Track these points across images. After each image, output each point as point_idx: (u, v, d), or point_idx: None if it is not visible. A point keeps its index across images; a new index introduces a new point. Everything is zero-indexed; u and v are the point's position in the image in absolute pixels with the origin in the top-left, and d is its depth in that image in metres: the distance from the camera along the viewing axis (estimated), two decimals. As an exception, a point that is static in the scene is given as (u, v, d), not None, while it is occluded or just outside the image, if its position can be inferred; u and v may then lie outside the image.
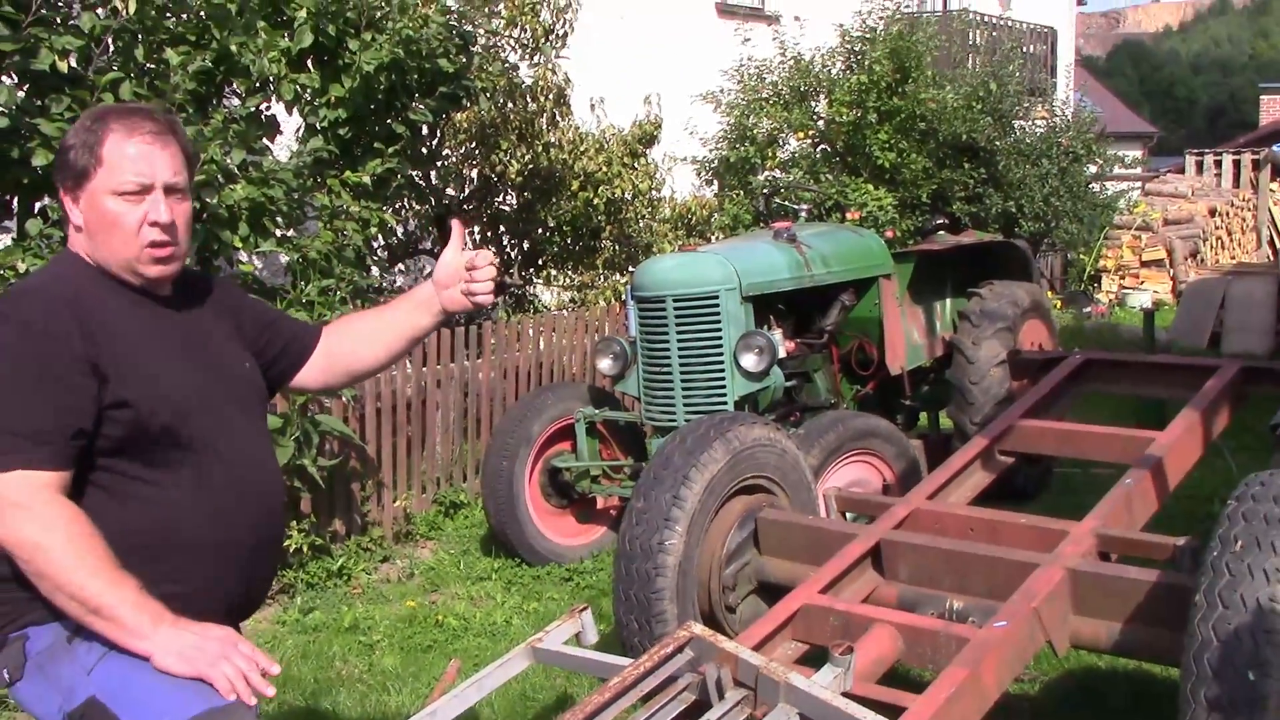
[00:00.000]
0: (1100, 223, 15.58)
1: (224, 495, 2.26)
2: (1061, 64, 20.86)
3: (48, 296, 2.18)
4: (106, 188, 2.19)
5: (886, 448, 5.21)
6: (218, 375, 2.35)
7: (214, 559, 2.24)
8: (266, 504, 2.39)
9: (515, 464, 5.83)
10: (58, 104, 4.68)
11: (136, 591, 2.05)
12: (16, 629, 2.16)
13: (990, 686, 3.09)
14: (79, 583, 2.01)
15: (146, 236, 2.21)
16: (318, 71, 6.02)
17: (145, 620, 2.04)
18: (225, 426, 2.30)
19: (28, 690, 2.16)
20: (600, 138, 9.05)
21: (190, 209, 2.32)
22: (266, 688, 2.07)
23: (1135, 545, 3.68)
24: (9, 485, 2.03)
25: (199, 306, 2.44)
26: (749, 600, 4.06)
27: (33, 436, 2.05)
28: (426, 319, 2.63)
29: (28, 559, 2.03)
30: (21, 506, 2.02)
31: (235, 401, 2.36)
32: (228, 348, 2.45)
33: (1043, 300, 6.80)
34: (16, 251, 4.55)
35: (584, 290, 9.16)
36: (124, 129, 2.20)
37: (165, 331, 2.29)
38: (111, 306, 2.22)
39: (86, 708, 2.08)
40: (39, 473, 2.05)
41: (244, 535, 2.30)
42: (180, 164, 2.27)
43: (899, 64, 11.03)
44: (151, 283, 2.28)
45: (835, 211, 10.27)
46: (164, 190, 2.22)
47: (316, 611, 5.33)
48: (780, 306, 5.93)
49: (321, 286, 5.59)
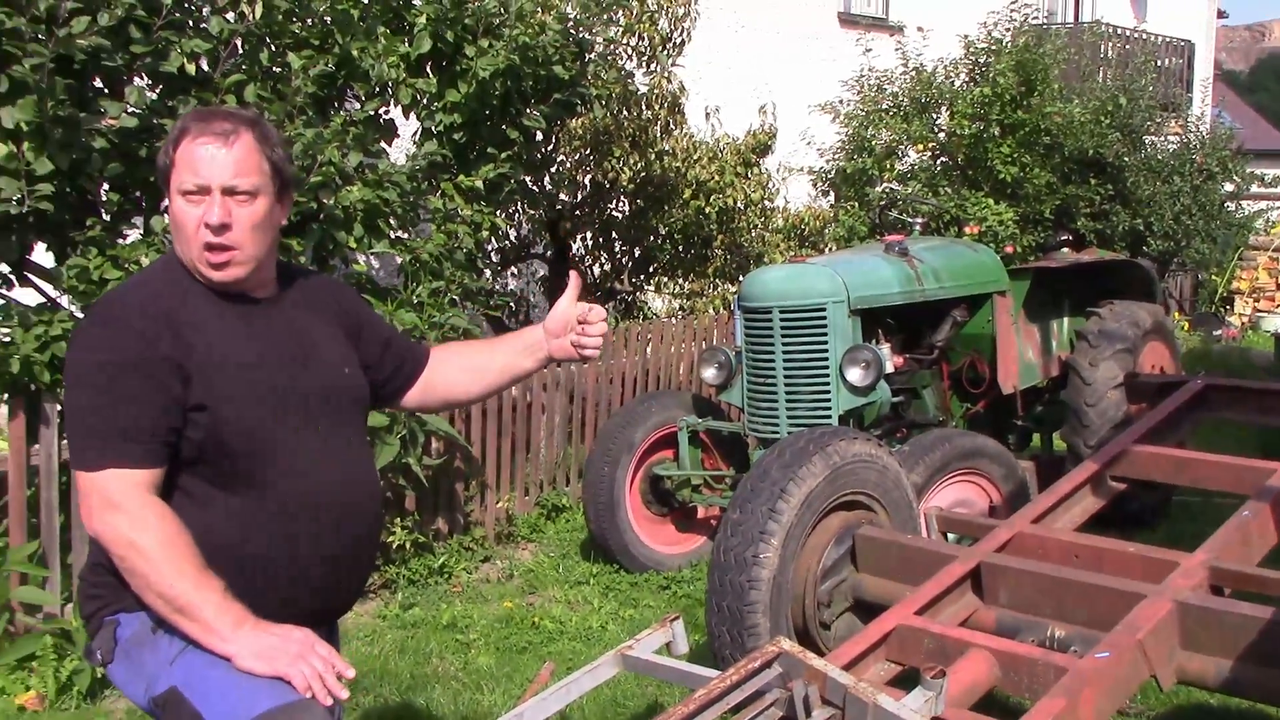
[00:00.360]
0: (1235, 243, 15.05)
1: (304, 512, 2.25)
2: (1198, 78, 20.18)
3: (140, 298, 2.21)
4: (176, 187, 2.21)
5: (994, 468, 5.09)
6: (310, 383, 2.32)
7: (288, 575, 2.25)
8: (356, 516, 2.36)
9: (617, 470, 5.84)
10: (185, 105, 4.83)
11: (220, 594, 2.09)
12: (110, 613, 2.23)
13: (1088, 718, 2.99)
14: (167, 582, 2.06)
15: (201, 238, 2.20)
16: (435, 77, 6.12)
17: (228, 622, 2.08)
18: (308, 439, 2.28)
19: (118, 672, 2.24)
20: (714, 146, 9.03)
21: (263, 212, 2.25)
22: (341, 690, 2.10)
23: (1250, 580, 3.52)
24: (104, 482, 2.09)
25: (303, 309, 2.41)
26: (844, 617, 4.00)
27: (126, 435, 2.09)
28: (530, 362, 2.65)
29: (121, 555, 2.08)
30: (116, 505, 2.07)
31: (326, 411, 2.33)
32: (329, 352, 2.41)
33: (1165, 322, 6.58)
34: (141, 247, 4.71)
35: (693, 299, 9.14)
36: (196, 130, 2.21)
37: (255, 337, 2.27)
38: (201, 309, 2.23)
39: (168, 696, 2.14)
40: (132, 470, 2.09)
41: (324, 553, 2.29)
42: (249, 165, 2.21)
43: (1024, 76, 10.79)
44: (221, 287, 2.26)
45: (953, 225, 10.10)
46: (222, 191, 2.19)
47: (416, 608, 5.41)
48: (889, 321, 5.84)
49: (432, 288, 5.67)
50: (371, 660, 4.78)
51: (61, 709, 4.31)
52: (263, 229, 2.26)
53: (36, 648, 4.41)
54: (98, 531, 2.10)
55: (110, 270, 4.60)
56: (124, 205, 5.11)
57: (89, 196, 5.06)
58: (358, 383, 2.47)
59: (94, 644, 2.25)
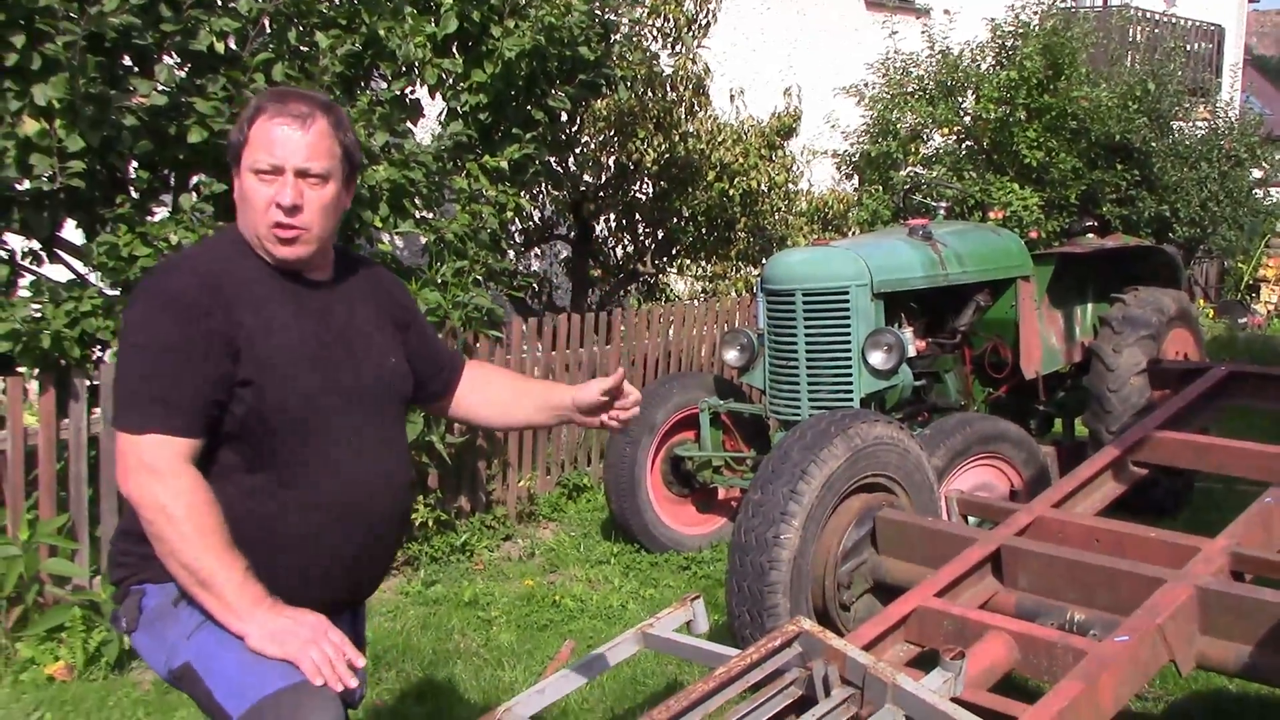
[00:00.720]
0: (1262, 230, 14.94)
1: (336, 500, 2.28)
2: (1228, 63, 19.99)
3: (195, 270, 2.23)
4: (248, 164, 2.24)
5: (1015, 453, 5.09)
6: (355, 370, 2.35)
7: (313, 561, 2.28)
8: (389, 504, 2.39)
9: (638, 451, 5.87)
10: (213, 84, 4.86)
11: (243, 572, 2.12)
12: (137, 583, 2.27)
13: (1107, 702, 3.00)
14: (193, 554, 2.09)
15: (272, 217, 2.23)
16: (461, 57, 6.14)
17: (246, 601, 2.10)
18: (359, 424, 2.31)
19: (142, 641, 2.27)
20: (738, 129, 9.02)
21: (331, 195, 2.28)
22: (350, 678, 2.10)
23: (1271, 566, 3.53)
24: (143, 447, 2.11)
25: (357, 297, 2.44)
26: (864, 599, 4.03)
27: (171, 403, 2.12)
28: (547, 418, 2.69)
29: (150, 519, 2.11)
30: (152, 470, 2.10)
31: (368, 400, 2.36)
32: (377, 342, 2.44)
33: (1189, 308, 6.54)
34: (170, 224, 4.75)
35: (716, 281, 9.15)
36: (273, 110, 2.24)
37: (308, 320, 2.30)
38: (257, 286, 2.25)
39: (183, 671, 2.18)
40: (173, 438, 2.12)
41: (351, 543, 2.33)
42: (323, 149, 2.25)
43: (1052, 60, 10.72)
44: (285, 263, 2.29)
45: (978, 210, 10.06)
46: (295, 173, 2.23)
47: (438, 585, 5.46)
48: (912, 304, 5.84)
49: (456, 267, 5.70)
50: (394, 636, 4.83)
51: (90, 679, 4.38)
52: (330, 212, 2.30)
53: (65, 619, 4.47)
54: (130, 493, 2.13)
55: (140, 247, 4.64)
56: (153, 183, 5.16)
57: (118, 174, 5.11)
58: (402, 374, 2.50)
59: (120, 611, 2.30)
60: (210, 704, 2.13)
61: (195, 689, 2.16)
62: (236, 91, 4.86)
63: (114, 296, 4.79)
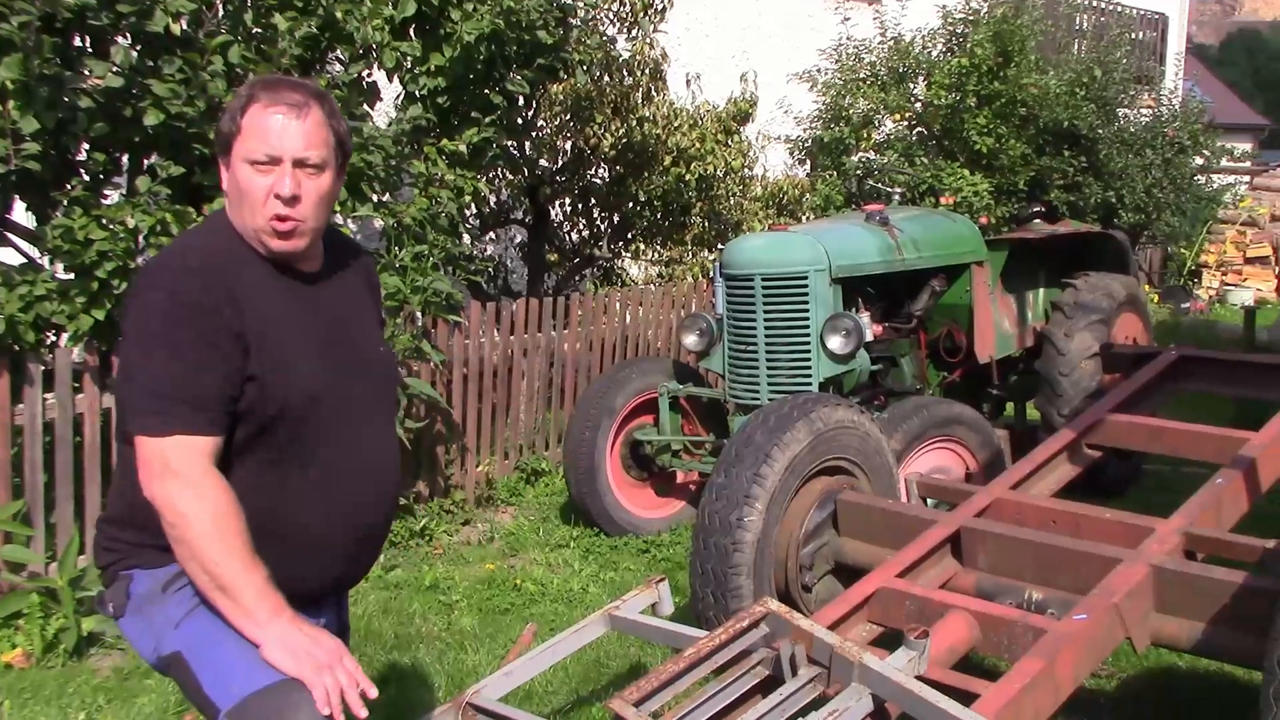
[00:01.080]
0: (1204, 216, 15.20)
1: (341, 490, 2.28)
2: (1171, 52, 20.29)
3: (201, 265, 2.19)
4: (241, 155, 2.21)
5: (971, 436, 5.17)
6: (354, 363, 2.35)
7: (321, 550, 2.29)
8: (383, 492, 2.41)
9: (598, 435, 5.89)
10: (169, 65, 4.79)
11: (263, 580, 2.10)
12: (125, 568, 2.26)
13: (1065, 679, 3.08)
14: (215, 559, 2.07)
15: (271, 209, 2.20)
16: (419, 40, 6.10)
17: (265, 610, 2.09)
18: (353, 418, 2.31)
19: (129, 627, 2.27)
20: (695, 114, 9.04)
21: (328, 185, 2.27)
22: (361, 709, 2.08)
23: (1222, 546, 3.62)
24: (168, 449, 2.08)
25: (347, 285, 2.44)
26: (825, 580, 4.08)
27: (192, 402, 2.10)
28: None
29: (173, 523, 2.08)
30: (178, 473, 2.07)
31: (366, 391, 2.36)
32: (367, 329, 2.46)
33: (1139, 294, 6.67)
34: (126, 208, 4.69)
35: (672, 266, 9.17)
36: (266, 99, 2.21)
37: (307, 313, 2.29)
38: (253, 278, 2.23)
39: (173, 659, 2.18)
40: (197, 438, 2.10)
41: (354, 531, 2.34)
42: (319, 139, 2.23)
43: (1001, 48, 10.83)
44: (282, 256, 2.27)
45: (929, 196, 10.16)
46: (293, 164, 2.20)
47: (398, 569, 5.45)
48: (869, 290, 5.90)
49: (415, 252, 5.68)
50: (356, 620, 4.81)
51: (48, 667, 4.33)
52: (326, 202, 2.28)
53: (22, 606, 4.42)
54: (155, 496, 2.09)
55: (95, 231, 4.58)
56: (105, 166, 5.09)
57: (69, 156, 5.03)
58: (391, 360, 2.53)
59: (108, 595, 2.28)
60: (198, 695, 2.13)
61: (184, 678, 2.16)
62: (193, 74, 4.80)
63: (68, 281, 4.73)
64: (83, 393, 4.79)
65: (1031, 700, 2.92)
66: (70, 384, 4.69)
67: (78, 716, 3.94)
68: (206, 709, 2.12)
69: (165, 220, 4.68)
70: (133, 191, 4.92)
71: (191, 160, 4.98)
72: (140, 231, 4.70)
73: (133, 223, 4.61)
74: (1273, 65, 66.78)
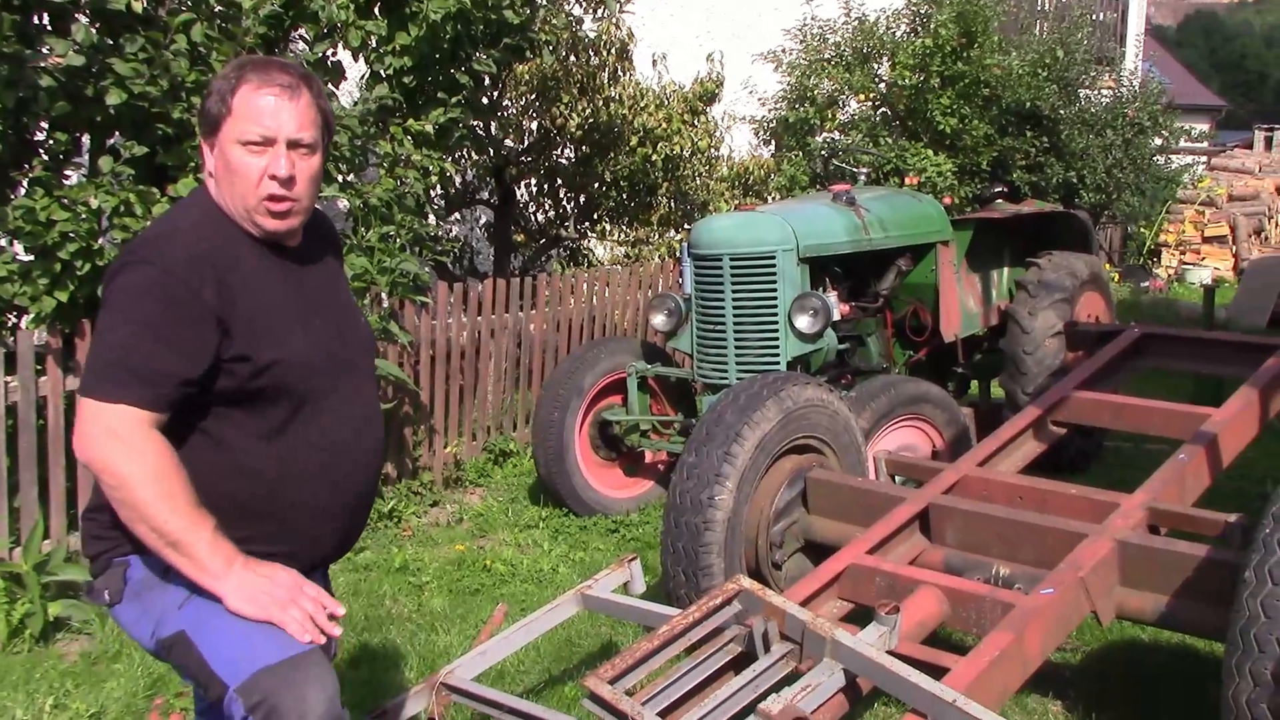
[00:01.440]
0: (1163, 196, 15.35)
1: (331, 460, 2.31)
2: (1131, 33, 20.42)
3: (187, 244, 2.20)
4: (233, 137, 2.21)
5: (937, 414, 5.21)
6: (339, 334, 2.38)
7: (314, 520, 2.31)
8: (370, 469, 2.44)
9: (566, 415, 5.89)
10: (131, 44, 4.74)
11: (212, 531, 2.12)
12: (120, 555, 2.26)
13: (1033, 652, 3.12)
14: (161, 516, 2.09)
15: (266, 189, 2.22)
16: (385, 19, 6.05)
17: (219, 560, 2.12)
18: (341, 387, 2.34)
19: (125, 612, 2.27)
20: (661, 94, 9.03)
21: (318, 165, 2.30)
22: (334, 628, 2.16)
23: (1186, 520, 3.68)
24: (112, 415, 2.09)
25: (325, 259, 2.47)
26: (795, 558, 4.11)
27: (146, 378, 2.11)
28: None
29: (115, 485, 2.10)
30: (117, 436, 2.09)
31: (352, 363, 2.40)
32: (347, 301, 2.50)
33: (1101, 273, 6.74)
34: (89, 188, 4.64)
35: (638, 246, 9.17)
36: (256, 80, 2.21)
37: (293, 288, 2.31)
38: (244, 259, 2.25)
39: (175, 640, 2.18)
40: (141, 411, 2.11)
41: (345, 500, 2.37)
42: (309, 120, 2.25)
43: (965, 28, 10.86)
44: (274, 236, 2.29)
45: (894, 176, 10.20)
46: (287, 144, 2.22)
47: (367, 551, 5.44)
48: (836, 269, 5.93)
49: (382, 233, 5.65)
50: (325, 602, 4.80)
51: (14, 652, 4.30)
52: (317, 181, 2.31)
53: (-14, 591, 4.38)
54: (91, 459, 2.11)
55: (58, 211, 4.53)
56: (67, 145, 5.02)
57: (29, 136, 4.97)
58: (368, 327, 2.56)
59: (100, 584, 2.28)
60: (204, 672, 2.14)
61: (188, 657, 2.17)
62: (155, 52, 4.75)
63: (30, 262, 4.67)
64: (46, 375, 4.74)
65: (1001, 673, 2.96)
66: (33, 366, 4.64)
67: (45, 702, 3.91)
68: (212, 686, 2.13)
69: (129, 201, 4.63)
70: (95, 172, 4.87)
71: (154, 140, 4.93)
72: (103, 212, 4.65)
73: (96, 203, 4.57)
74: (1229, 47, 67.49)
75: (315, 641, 2.12)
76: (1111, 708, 3.82)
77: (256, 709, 2.05)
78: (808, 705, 2.75)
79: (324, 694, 2.08)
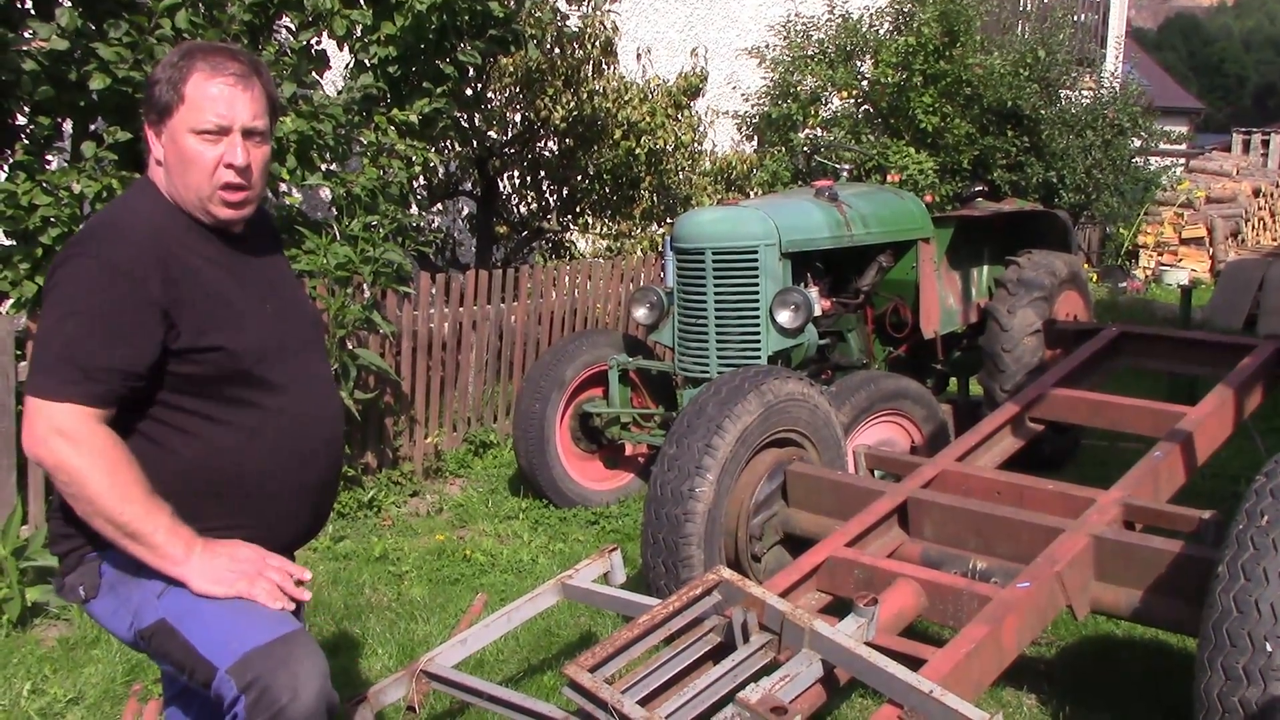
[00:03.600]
0: (1142, 198, 15.44)
1: (296, 438, 2.32)
2: (1112, 35, 20.54)
3: (134, 235, 2.19)
4: (186, 125, 2.21)
5: (916, 410, 5.25)
6: (289, 316, 2.39)
7: (286, 498, 2.33)
8: (333, 443, 2.46)
9: (547, 407, 5.90)
10: (115, 29, 4.73)
11: (170, 518, 2.13)
12: (92, 551, 2.26)
13: (1009, 645, 3.16)
14: (116, 508, 2.09)
15: (221, 177, 2.23)
16: (370, 8, 6.05)
17: (179, 546, 2.13)
18: (297, 368, 2.35)
19: (101, 607, 2.27)
20: (645, 88, 9.03)
21: (269, 153, 2.32)
22: (303, 593, 2.20)
23: (1160, 516, 3.72)
24: (60, 414, 2.09)
25: (268, 244, 2.49)
26: (774, 550, 4.14)
27: (93, 375, 2.10)
28: None
29: (68, 481, 2.10)
30: (67, 434, 2.09)
31: (304, 341, 2.42)
32: (292, 283, 2.52)
33: (1080, 272, 6.78)
34: (72, 173, 4.62)
35: (620, 240, 9.18)
36: (208, 69, 2.21)
37: (242, 273, 2.32)
38: (192, 247, 2.25)
39: (156, 628, 2.19)
40: (88, 408, 2.11)
41: (313, 475, 2.38)
42: (261, 108, 2.27)
43: (948, 27, 10.92)
44: (224, 223, 2.30)
45: (875, 173, 10.24)
46: (242, 133, 2.23)
47: (347, 540, 5.44)
48: (818, 265, 5.95)
49: (365, 222, 5.65)
50: (305, 591, 4.80)
51: (-9, 638, 4.29)
52: (267, 168, 2.33)
53: (-36, 577, 4.37)
54: (41, 457, 2.11)
55: (39, 196, 4.52)
56: (49, 130, 5.00)
57: (10, 120, 4.95)
58: (314, 306, 2.56)
59: (73, 580, 2.27)
60: (189, 657, 2.14)
61: (170, 644, 2.17)
62: (140, 37, 4.73)
63: (11, 247, 4.65)
64: (25, 360, 4.72)
65: (977, 665, 2.99)
66: (13, 352, 4.62)
67: (23, 687, 3.90)
68: (200, 669, 2.13)
69: (112, 186, 4.62)
70: (78, 157, 4.85)
71: (138, 126, 4.89)
72: (86, 197, 4.64)
73: (78, 188, 4.56)
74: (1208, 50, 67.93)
75: (286, 608, 2.15)
76: (1086, 701, 3.86)
77: (250, 688, 2.06)
78: (786, 695, 2.77)
79: (315, 671, 2.10)
